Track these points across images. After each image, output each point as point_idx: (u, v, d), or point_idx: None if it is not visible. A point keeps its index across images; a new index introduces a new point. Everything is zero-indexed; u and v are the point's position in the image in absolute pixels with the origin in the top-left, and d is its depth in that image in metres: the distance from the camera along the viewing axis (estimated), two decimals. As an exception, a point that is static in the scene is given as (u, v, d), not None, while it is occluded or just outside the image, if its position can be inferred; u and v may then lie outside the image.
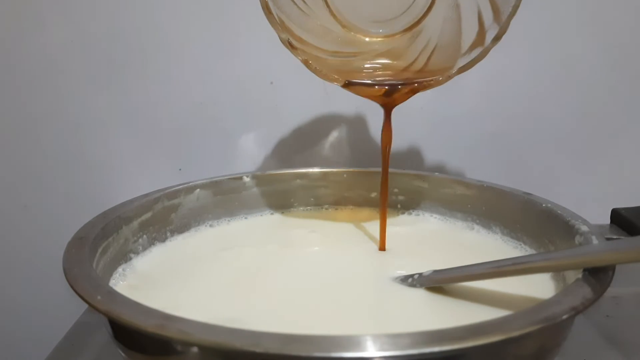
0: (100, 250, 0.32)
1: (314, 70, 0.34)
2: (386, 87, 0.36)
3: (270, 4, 0.33)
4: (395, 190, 0.44)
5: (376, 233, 0.39)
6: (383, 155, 0.37)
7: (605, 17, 0.53)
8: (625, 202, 0.38)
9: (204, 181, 0.42)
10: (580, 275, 0.26)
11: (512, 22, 0.52)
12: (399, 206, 0.44)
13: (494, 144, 0.56)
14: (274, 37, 0.53)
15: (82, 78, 0.52)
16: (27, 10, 0.51)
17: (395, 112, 0.55)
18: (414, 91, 0.36)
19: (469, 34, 0.35)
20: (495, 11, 0.33)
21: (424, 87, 0.35)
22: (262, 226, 0.43)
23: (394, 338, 0.20)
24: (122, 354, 0.26)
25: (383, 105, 0.37)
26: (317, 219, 0.44)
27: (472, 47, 0.34)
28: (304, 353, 0.20)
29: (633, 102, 0.55)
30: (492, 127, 0.56)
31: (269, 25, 0.33)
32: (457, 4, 0.36)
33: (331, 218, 0.45)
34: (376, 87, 0.36)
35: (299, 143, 0.55)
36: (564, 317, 0.23)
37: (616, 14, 0.53)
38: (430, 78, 0.35)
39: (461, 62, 0.34)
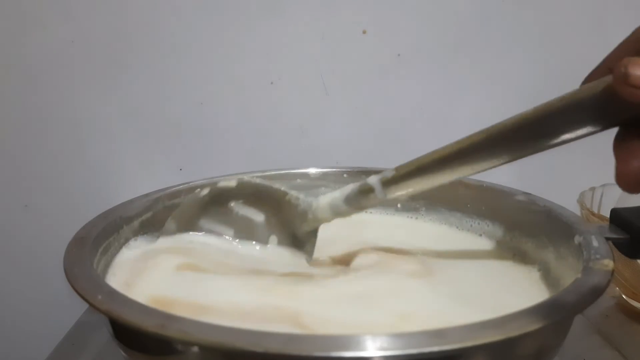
0: (100, 250, 0.32)
1: None
2: None
3: None
4: (395, 190, 0.44)
5: (376, 232, 0.39)
6: None
7: (604, 18, 0.53)
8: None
9: (204, 181, 0.42)
10: (579, 275, 0.26)
11: (511, 26, 0.52)
12: (398, 206, 0.44)
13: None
14: (274, 37, 0.53)
15: (83, 78, 0.52)
16: (28, 10, 0.51)
17: (395, 111, 0.55)
18: None
19: None
20: None
21: None
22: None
23: (394, 338, 0.20)
24: (123, 354, 0.26)
25: None
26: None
27: None
28: (304, 353, 0.20)
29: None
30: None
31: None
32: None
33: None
34: None
35: (299, 143, 0.55)
36: (564, 317, 0.23)
37: (614, 15, 0.53)
38: None
39: None
